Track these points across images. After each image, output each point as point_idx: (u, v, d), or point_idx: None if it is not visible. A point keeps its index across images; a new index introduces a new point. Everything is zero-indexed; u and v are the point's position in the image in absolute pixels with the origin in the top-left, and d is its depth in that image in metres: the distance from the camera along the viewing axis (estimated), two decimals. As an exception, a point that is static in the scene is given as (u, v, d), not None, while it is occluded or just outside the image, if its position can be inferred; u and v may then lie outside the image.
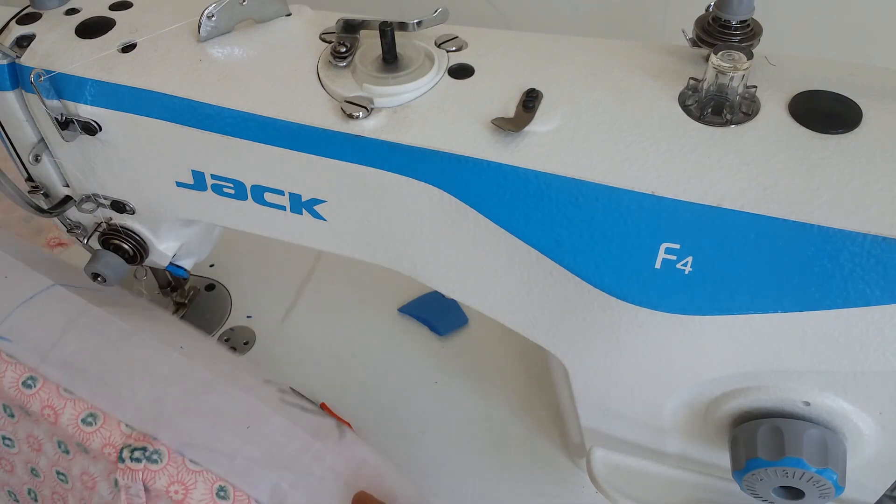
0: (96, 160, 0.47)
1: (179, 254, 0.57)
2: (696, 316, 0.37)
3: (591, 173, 0.36)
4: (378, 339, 0.66)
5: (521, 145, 0.38)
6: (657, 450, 0.49)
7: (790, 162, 0.35)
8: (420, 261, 0.44)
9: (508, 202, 0.38)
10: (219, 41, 0.44)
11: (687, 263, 0.36)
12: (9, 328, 0.49)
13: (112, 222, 0.53)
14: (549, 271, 0.40)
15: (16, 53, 0.44)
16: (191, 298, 0.69)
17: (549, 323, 0.43)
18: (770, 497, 0.42)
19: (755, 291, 0.35)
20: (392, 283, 0.69)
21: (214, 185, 0.46)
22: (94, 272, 0.54)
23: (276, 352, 0.65)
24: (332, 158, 0.41)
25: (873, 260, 0.33)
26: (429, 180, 0.40)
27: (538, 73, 0.41)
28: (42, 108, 0.44)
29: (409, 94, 0.40)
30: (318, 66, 0.42)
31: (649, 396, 0.44)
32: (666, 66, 0.40)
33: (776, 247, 0.34)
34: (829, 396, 0.39)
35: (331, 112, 0.40)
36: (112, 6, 0.47)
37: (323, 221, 0.45)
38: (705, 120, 0.37)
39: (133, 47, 0.44)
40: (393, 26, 0.40)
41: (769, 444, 0.40)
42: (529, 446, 0.58)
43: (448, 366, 0.64)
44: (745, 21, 0.38)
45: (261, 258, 0.73)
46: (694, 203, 0.35)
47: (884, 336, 0.35)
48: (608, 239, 0.37)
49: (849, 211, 0.33)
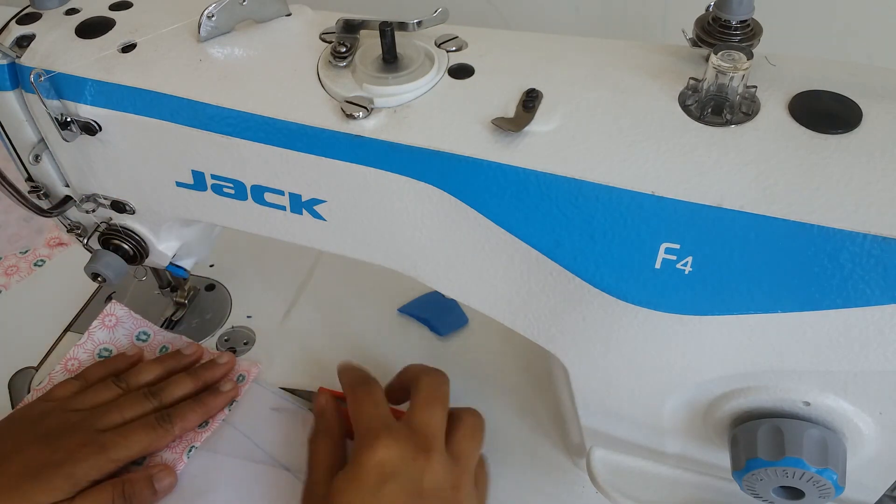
0: (96, 160, 0.47)
1: (179, 254, 0.57)
2: (696, 316, 0.37)
3: (591, 173, 0.36)
4: (378, 339, 0.66)
5: (521, 145, 0.38)
6: (657, 450, 0.49)
7: (790, 162, 0.35)
8: (420, 261, 0.44)
9: (508, 202, 0.38)
10: (219, 41, 0.44)
11: (687, 263, 0.36)
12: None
13: (112, 222, 0.53)
14: (549, 271, 0.40)
15: (16, 53, 0.44)
16: (191, 298, 0.69)
17: (549, 323, 0.43)
18: (770, 497, 0.42)
19: (755, 291, 0.35)
20: (392, 283, 0.68)
21: (214, 185, 0.46)
22: (94, 272, 0.54)
23: (276, 352, 0.65)
24: (332, 158, 0.41)
25: (873, 260, 0.33)
26: (429, 180, 0.40)
27: (538, 73, 0.41)
28: (42, 108, 0.44)
29: (409, 94, 0.40)
30: (318, 66, 0.42)
31: (649, 396, 0.44)
32: (666, 66, 0.40)
33: (776, 247, 0.34)
34: (829, 396, 0.39)
35: (331, 112, 0.40)
36: (112, 6, 0.47)
37: (323, 221, 0.45)
38: (705, 120, 0.37)
39: (133, 47, 0.44)
40: (393, 26, 0.40)
41: (769, 444, 0.40)
42: (529, 446, 0.58)
43: (448, 366, 0.63)
44: (745, 21, 0.38)
45: (261, 258, 0.73)
46: (694, 203, 0.35)
47: (884, 336, 0.35)
48: (608, 239, 0.37)
49: (849, 211, 0.33)
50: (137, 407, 0.56)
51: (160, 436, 0.55)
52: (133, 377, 0.59)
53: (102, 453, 0.52)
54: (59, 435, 0.52)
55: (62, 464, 0.50)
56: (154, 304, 0.68)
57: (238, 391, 0.60)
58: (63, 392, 0.57)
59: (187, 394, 0.58)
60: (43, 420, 0.54)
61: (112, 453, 0.52)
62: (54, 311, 0.68)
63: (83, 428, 0.53)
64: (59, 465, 0.50)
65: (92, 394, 0.57)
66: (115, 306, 0.65)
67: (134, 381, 0.58)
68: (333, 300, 0.69)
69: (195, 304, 0.69)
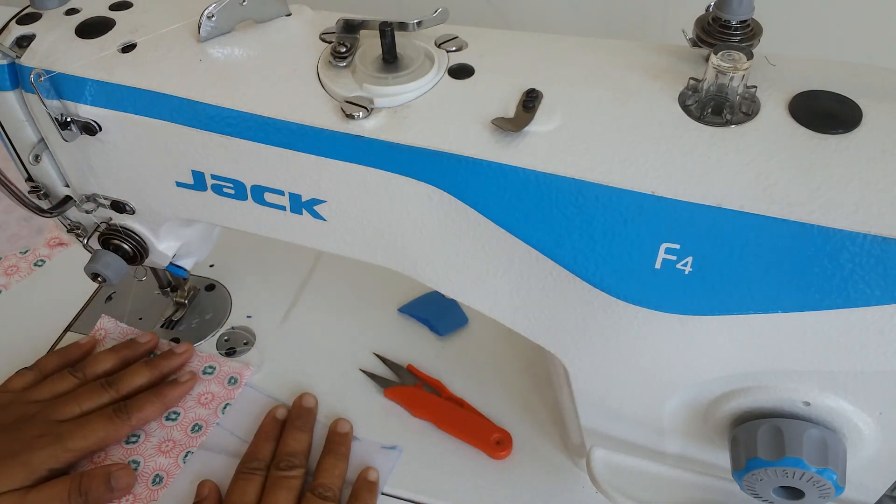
0: (96, 160, 0.47)
1: (179, 254, 0.57)
2: (696, 316, 0.37)
3: (591, 173, 0.36)
4: (378, 339, 0.66)
5: (521, 145, 0.38)
6: (657, 450, 0.49)
7: (790, 162, 0.35)
8: (420, 261, 0.44)
9: (508, 202, 0.38)
10: (219, 41, 0.44)
11: (687, 264, 0.36)
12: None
13: (112, 222, 0.53)
14: (549, 271, 0.40)
15: (16, 53, 0.44)
16: (191, 298, 0.69)
17: (549, 323, 0.43)
18: (770, 497, 0.42)
19: (755, 291, 0.35)
20: (392, 283, 0.69)
21: (214, 185, 0.46)
22: (94, 272, 0.54)
23: (276, 352, 0.65)
24: (332, 158, 0.41)
25: (873, 260, 0.33)
26: (429, 180, 0.40)
27: (538, 73, 0.41)
28: (42, 108, 0.43)
29: (409, 94, 0.40)
30: (318, 66, 0.42)
31: (649, 396, 0.44)
32: (666, 66, 0.40)
33: (776, 247, 0.34)
34: (829, 396, 0.39)
35: (331, 112, 0.40)
36: (112, 6, 0.47)
37: (323, 221, 0.45)
38: (705, 120, 0.37)
39: (133, 47, 0.44)
40: (393, 26, 0.40)
41: (769, 444, 0.40)
42: (529, 446, 0.58)
43: (448, 366, 0.64)
44: (745, 21, 0.38)
45: (261, 258, 0.73)
46: (694, 203, 0.35)
47: (884, 336, 0.35)
48: (608, 239, 0.37)
49: (849, 211, 0.33)
50: (95, 398, 0.56)
51: (117, 427, 0.55)
52: (89, 367, 0.59)
53: (59, 443, 0.52)
54: (17, 426, 0.53)
55: (19, 453, 0.51)
56: (154, 304, 0.68)
57: (195, 381, 0.61)
58: (19, 383, 0.58)
59: (144, 384, 0.59)
60: (0, 412, 0.54)
61: (69, 443, 0.53)
62: (54, 311, 0.68)
63: (41, 419, 0.54)
64: (15, 454, 0.51)
65: (49, 385, 0.57)
66: (105, 320, 0.66)
67: (90, 371, 0.59)
68: (333, 300, 0.69)
69: (195, 304, 0.69)
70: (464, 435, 0.58)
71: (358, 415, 0.60)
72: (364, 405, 0.61)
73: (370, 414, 0.60)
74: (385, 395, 0.61)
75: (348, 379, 0.63)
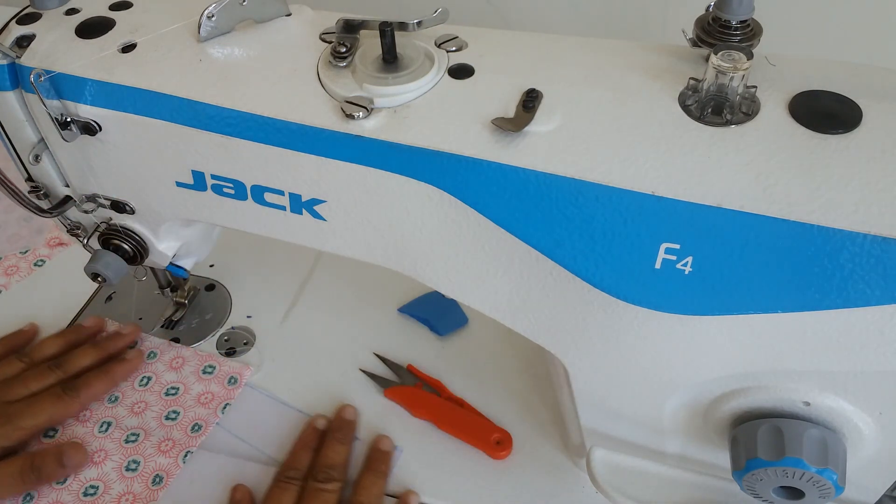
0: (96, 160, 0.47)
1: (179, 254, 0.57)
2: (696, 316, 0.37)
3: (591, 173, 0.36)
4: (378, 339, 0.66)
5: (521, 145, 0.38)
6: (657, 450, 0.49)
7: (790, 162, 0.35)
8: (420, 261, 0.44)
9: (508, 202, 0.38)
10: (219, 41, 0.44)
11: (687, 263, 0.36)
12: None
13: (112, 222, 0.53)
14: (549, 271, 0.40)
15: (16, 53, 0.44)
16: (191, 298, 0.69)
17: (549, 323, 0.43)
18: (770, 497, 0.42)
19: (755, 291, 0.35)
20: (392, 283, 0.69)
21: (214, 185, 0.46)
22: (94, 272, 0.54)
23: (276, 352, 0.65)
24: (332, 158, 0.41)
25: (873, 260, 0.33)
26: (429, 180, 0.40)
27: (538, 73, 0.41)
28: (42, 108, 0.43)
29: (409, 94, 0.40)
30: (318, 66, 0.42)
31: (649, 396, 0.44)
32: (666, 66, 0.40)
33: (776, 247, 0.34)
34: (829, 396, 0.39)
35: (331, 112, 0.40)
36: (112, 6, 0.47)
37: (323, 221, 0.45)
38: (705, 120, 0.37)
39: (133, 47, 0.44)
40: (393, 26, 0.40)
41: (769, 444, 0.40)
42: (529, 446, 0.58)
43: (448, 366, 0.64)
44: (745, 21, 0.38)
45: (261, 258, 0.73)
46: (694, 203, 0.35)
47: (884, 336, 0.35)
48: (608, 239, 0.37)
49: (849, 211, 0.33)
50: (42, 379, 0.57)
51: (66, 404, 0.56)
52: (36, 352, 0.60)
53: (9, 423, 0.53)
54: None
55: None
56: (154, 304, 0.68)
57: (142, 358, 0.62)
58: None
59: (91, 364, 0.60)
60: None
61: (19, 422, 0.54)
62: (54, 311, 0.68)
63: None
64: None
65: None
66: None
67: (38, 355, 0.60)
68: (333, 300, 0.69)
69: (195, 304, 0.69)
70: (464, 435, 0.58)
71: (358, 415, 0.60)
72: (364, 405, 0.61)
73: (370, 414, 0.60)
74: (385, 395, 0.61)
75: (348, 379, 0.63)
